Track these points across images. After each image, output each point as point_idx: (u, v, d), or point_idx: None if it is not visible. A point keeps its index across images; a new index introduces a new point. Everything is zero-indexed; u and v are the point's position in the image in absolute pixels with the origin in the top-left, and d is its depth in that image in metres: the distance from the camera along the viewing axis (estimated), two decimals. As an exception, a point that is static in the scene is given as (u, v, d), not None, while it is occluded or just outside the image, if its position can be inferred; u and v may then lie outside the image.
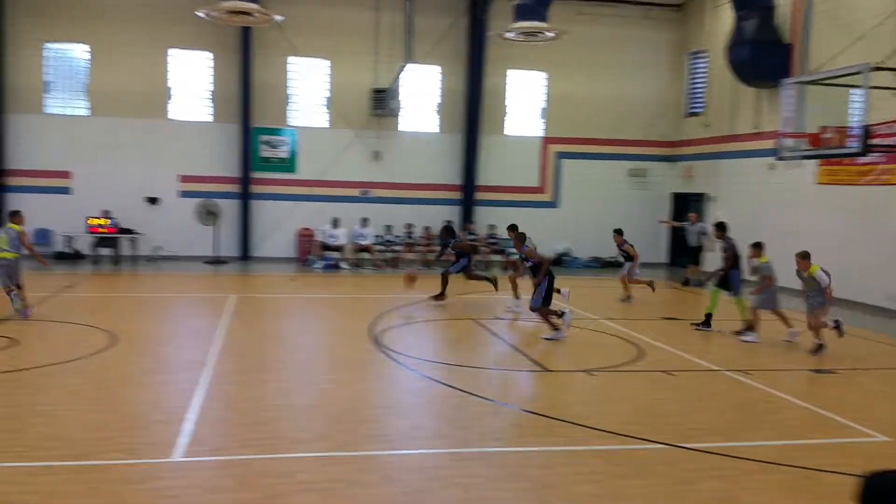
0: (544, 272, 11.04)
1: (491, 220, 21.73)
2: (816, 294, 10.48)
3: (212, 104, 20.94)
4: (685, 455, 6.34)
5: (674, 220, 21.15)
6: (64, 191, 20.10)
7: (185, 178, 20.79)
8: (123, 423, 6.81)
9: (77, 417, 6.91)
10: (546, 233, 16.28)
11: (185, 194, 20.63)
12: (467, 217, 21.86)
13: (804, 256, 10.61)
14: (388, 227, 21.17)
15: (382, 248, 20.88)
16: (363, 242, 20.68)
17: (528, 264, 11.51)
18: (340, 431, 6.77)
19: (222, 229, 20.55)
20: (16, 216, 12.29)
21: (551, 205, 22.76)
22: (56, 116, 20.21)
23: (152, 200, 20.55)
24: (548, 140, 22.73)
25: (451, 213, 21.83)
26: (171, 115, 20.81)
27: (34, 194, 19.86)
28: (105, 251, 19.54)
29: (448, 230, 15.72)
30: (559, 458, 6.27)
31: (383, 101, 20.71)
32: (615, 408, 7.83)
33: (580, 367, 9.46)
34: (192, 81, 20.83)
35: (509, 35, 16.59)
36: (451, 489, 5.51)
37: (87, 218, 19.29)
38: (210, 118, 20.98)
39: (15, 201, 19.86)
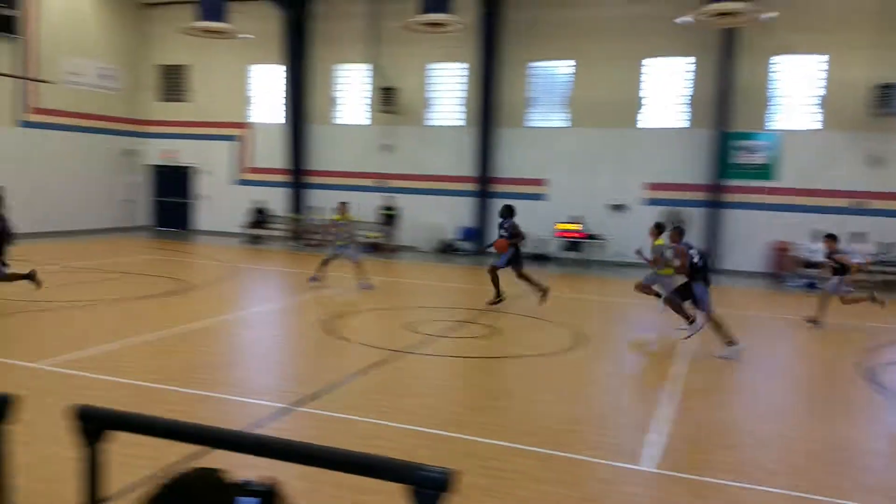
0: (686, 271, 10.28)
1: None
2: None
3: (689, 110, 20.44)
4: None
5: None
6: (539, 197, 21.78)
7: (651, 186, 20.73)
8: (592, 421, 6.83)
9: (549, 407, 7.12)
10: None
11: (650, 202, 20.56)
12: None
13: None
14: (888, 245, 17.92)
15: (877, 268, 17.77)
16: (853, 261, 17.84)
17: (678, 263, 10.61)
18: (823, 473, 5.77)
19: (689, 239, 19.90)
20: (342, 206, 14.74)
21: None
22: (536, 129, 22.02)
23: (617, 207, 20.96)
24: None
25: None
26: (640, 124, 20.97)
27: (514, 200, 21.91)
28: (571, 254, 20.54)
29: (508, 208, 12.96)
30: None
31: (890, 98, 17.66)
32: None
33: None
34: (664, 89, 20.69)
35: None
36: None
37: (556, 222, 20.52)
38: (681, 124, 20.53)
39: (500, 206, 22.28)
